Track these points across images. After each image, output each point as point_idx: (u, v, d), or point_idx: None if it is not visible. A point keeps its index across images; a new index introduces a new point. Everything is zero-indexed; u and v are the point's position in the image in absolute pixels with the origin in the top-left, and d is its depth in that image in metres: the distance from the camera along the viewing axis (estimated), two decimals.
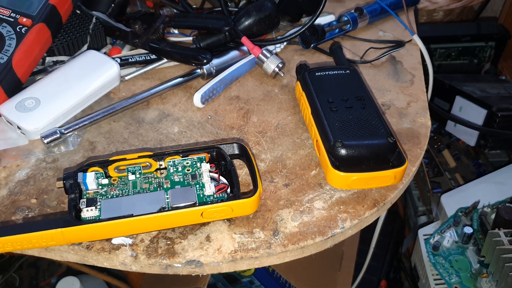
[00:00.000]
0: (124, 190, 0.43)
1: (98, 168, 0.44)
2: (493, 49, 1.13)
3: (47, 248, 0.41)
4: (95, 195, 0.43)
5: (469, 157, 0.99)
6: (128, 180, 0.44)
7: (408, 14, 0.75)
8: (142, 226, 0.41)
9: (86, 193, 0.43)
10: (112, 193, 0.43)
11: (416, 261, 0.83)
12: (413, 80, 0.63)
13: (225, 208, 0.41)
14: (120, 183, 0.44)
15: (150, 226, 0.41)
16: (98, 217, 0.41)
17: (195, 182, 0.44)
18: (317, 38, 0.66)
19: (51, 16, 0.55)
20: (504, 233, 0.68)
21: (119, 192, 0.43)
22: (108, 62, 0.57)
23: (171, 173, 0.45)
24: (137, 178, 0.44)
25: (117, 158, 0.45)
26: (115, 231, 0.41)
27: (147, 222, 0.40)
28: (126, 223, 0.40)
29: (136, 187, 0.44)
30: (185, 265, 0.40)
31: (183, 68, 0.63)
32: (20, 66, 0.52)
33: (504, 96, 0.94)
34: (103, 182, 0.44)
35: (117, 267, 0.41)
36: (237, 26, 0.62)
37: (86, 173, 0.43)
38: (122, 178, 0.44)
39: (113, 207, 0.42)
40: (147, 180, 0.44)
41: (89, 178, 0.43)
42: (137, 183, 0.44)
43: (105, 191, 0.43)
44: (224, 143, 0.46)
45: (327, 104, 0.50)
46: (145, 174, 0.45)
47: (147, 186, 0.44)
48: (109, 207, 0.42)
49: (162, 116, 0.56)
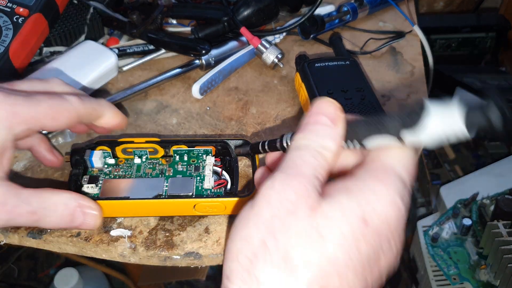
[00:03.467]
0: (127, 173, 0.44)
1: (106, 148, 0.45)
2: (494, 40, 1.13)
3: (46, 239, 0.41)
4: (99, 173, 0.44)
5: (469, 149, 0.99)
6: (134, 163, 0.45)
7: (409, 5, 0.75)
8: (136, 210, 0.41)
9: (91, 170, 0.44)
10: (116, 173, 0.44)
11: (414, 252, 0.83)
12: (413, 71, 0.62)
13: (218, 204, 0.41)
14: (125, 165, 0.45)
15: (143, 211, 0.42)
16: (97, 195, 0.42)
17: (197, 174, 0.44)
18: (317, 29, 0.65)
19: (48, 6, 0.55)
20: (503, 225, 0.68)
21: (123, 174, 0.44)
22: (105, 52, 0.56)
23: (176, 161, 0.45)
24: (142, 162, 0.45)
25: (125, 140, 0.45)
26: (109, 211, 0.41)
27: (141, 206, 0.41)
28: (120, 204, 0.41)
29: (139, 171, 0.44)
30: (184, 257, 0.40)
31: (181, 58, 0.63)
32: (17, 57, 0.52)
33: (504, 88, 0.94)
34: (110, 162, 0.45)
35: (115, 259, 0.41)
36: (236, 17, 0.62)
37: (94, 150, 0.44)
38: (128, 160, 0.45)
39: (113, 188, 0.43)
40: (151, 165, 0.45)
41: (96, 156, 0.44)
42: (142, 167, 0.45)
43: (110, 170, 0.44)
44: (231, 139, 0.45)
45: (326, 95, 0.50)
46: (151, 159, 0.45)
47: (150, 171, 0.44)
48: (108, 187, 0.43)
49: (160, 107, 0.55)
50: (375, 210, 0.27)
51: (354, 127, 0.30)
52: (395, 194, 0.28)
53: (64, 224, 0.38)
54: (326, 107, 0.31)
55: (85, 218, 0.38)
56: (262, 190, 0.29)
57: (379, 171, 0.29)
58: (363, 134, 0.29)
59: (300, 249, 0.26)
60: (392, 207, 0.28)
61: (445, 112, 0.24)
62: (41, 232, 0.41)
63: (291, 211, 0.27)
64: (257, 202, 0.28)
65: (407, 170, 0.29)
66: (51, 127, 0.39)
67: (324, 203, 0.28)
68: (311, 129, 0.31)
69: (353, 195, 0.28)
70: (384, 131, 0.28)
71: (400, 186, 0.28)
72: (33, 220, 0.36)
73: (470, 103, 0.24)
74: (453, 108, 0.24)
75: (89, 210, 0.38)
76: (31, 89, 0.40)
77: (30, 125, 0.37)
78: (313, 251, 0.26)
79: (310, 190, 0.28)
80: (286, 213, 0.27)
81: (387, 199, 0.28)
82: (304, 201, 0.27)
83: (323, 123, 0.30)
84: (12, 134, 0.36)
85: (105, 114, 0.42)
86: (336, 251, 0.26)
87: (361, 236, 0.27)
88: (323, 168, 0.29)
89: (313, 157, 0.29)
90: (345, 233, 0.27)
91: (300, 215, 0.27)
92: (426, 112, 0.25)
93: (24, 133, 0.37)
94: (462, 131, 0.24)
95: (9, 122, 0.36)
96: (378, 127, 0.28)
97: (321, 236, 0.27)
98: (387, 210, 0.28)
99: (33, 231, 0.41)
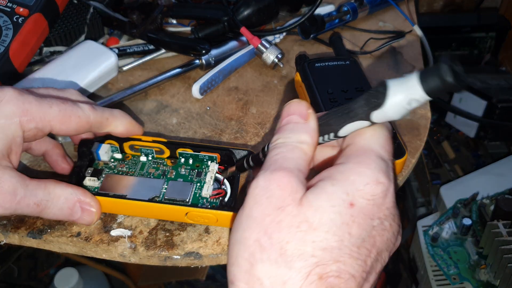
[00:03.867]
0: (131, 169, 0.44)
1: (114, 142, 0.45)
2: (494, 40, 1.13)
3: (46, 239, 0.41)
4: (104, 166, 0.44)
5: (469, 149, 0.99)
6: (139, 161, 0.45)
7: (409, 4, 0.75)
8: (130, 210, 0.42)
9: (97, 162, 0.45)
10: (120, 169, 0.44)
11: (414, 252, 0.83)
12: (413, 71, 0.62)
13: (209, 216, 0.40)
14: (130, 162, 0.45)
15: (137, 211, 0.42)
16: (97, 188, 0.42)
17: (197, 179, 0.44)
18: (317, 29, 0.65)
19: (48, 5, 0.55)
20: (502, 225, 0.68)
21: (126, 170, 0.44)
22: (105, 52, 0.56)
23: (180, 164, 0.45)
24: (148, 160, 0.45)
25: (134, 136, 0.45)
26: (105, 207, 0.41)
27: (135, 207, 0.41)
28: (116, 202, 0.41)
29: (143, 169, 0.44)
30: (184, 257, 0.40)
31: (181, 58, 0.62)
32: (17, 57, 0.52)
33: (504, 87, 0.94)
34: (117, 156, 0.45)
35: (116, 259, 0.41)
36: (236, 16, 0.61)
37: (102, 143, 0.44)
38: (134, 157, 0.45)
39: (113, 184, 0.43)
40: (156, 164, 0.45)
41: (103, 149, 0.44)
42: (146, 165, 0.45)
43: (115, 165, 0.45)
44: (237, 148, 0.44)
45: (326, 95, 0.50)
46: (157, 159, 0.45)
47: (153, 171, 0.44)
48: (109, 182, 0.43)
49: (161, 107, 0.55)
50: (360, 191, 0.28)
51: (326, 120, 0.31)
52: (377, 172, 0.29)
53: (63, 217, 0.39)
54: (295, 107, 0.32)
55: (83, 213, 0.40)
56: (249, 191, 0.29)
57: (358, 154, 0.30)
58: (336, 125, 0.30)
59: (294, 242, 0.27)
60: (376, 185, 0.28)
61: (404, 83, 0.27)
62: (41, 232, 0.41)
63: (279, 207, 0.28)
64: (246, 203, 0.29)
65: (384, 147, 0.30)
66: (60, 130, 0.40)
67: (309, 194, 0.28)
68: (284, 129, 0.32)
69: (336, 180, 0.29)
70: (355, 117, 0.29)
71: (380, 164, 0.29)
72: (36, 211, 0.38)
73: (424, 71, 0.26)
74: (411, 79, 0.27)
75: (88, 206, 0.40)
76: (47, 94, 0.41)
77: (39, 124, 0.38)
78: (306, 242, 0.27)
79: (294, 183, 0.28)
80: (274, 209, 0.28)
81: (370, 179, 0.28)
82: (290, 194, 0.28)
83: (294, 121, 0.32)
84: (22, 130, 0.38)
85: (118, 124, 0.43)
86: (328, 239, 0.27)
87: (350, 220, 0.27)
88: (303, 160, 0.30)
89: (291, 152, 0.30)
90: (334, 219, 0.27)
91: (289, 209, 0.28)
92: (388, 89, 0.27)
93: (33, 132, 0.38)
94: (422, 96, 0.26)
95: (19, 118, 0.37)
96: (348, 115, 0.29)
97: (311, 226, 0.27)
98: (372, 189, 0.28)
99: (33, 231, 0.41)
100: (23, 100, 0.38)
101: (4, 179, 0.36)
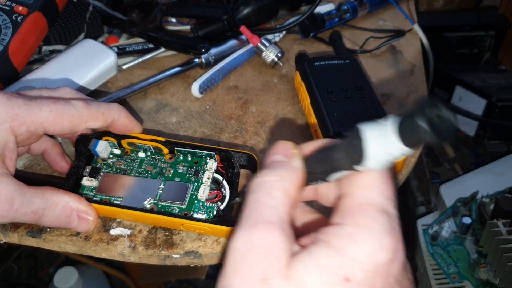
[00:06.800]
0: (129, 167, 0.44)
1: (112, 139, 0.44)
2: (493, 39, 1.13)
3: (45, 238, 0.41)
4: (102, 164, 0.44)
5: (468, 147, 0.99)
6: (138, 157, 0.45)
7: (408, 3, 0.75)
8: (126, 216, 0.42)
9: (95, 159, 0.44)
10: (118, 166, 0.44)
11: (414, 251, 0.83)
12: (413, 70, 0.62)
13: (205, 228, 0.40)
14: (128, 158, 0.45)
15: (133, 218, 0.42)
16: (95, 189, 0.42)
17: (195, 179, 0.43)
18: (317, 27, 0.65)
19: (47, 4, 0.55)
20: (502, 224, 0.68)
21: (124, 168, 0.44)
22: (105, 51, 0.56)
23: (178, 160, 0.44)
24: (147, 156, 0.45)
25: (131, 135, 0.44)
26: (101, 212, 0.42)
27: (131, 215, 0.41)
28: (111, 209, 0.41)
29: (141, 167, 0.44)
30: (184, 256, 0.40)
31: (181, 57, 0.62)
32: (17, 55, 0.52)
33: (504, 86, 0.94)
34: (116, 152, 0.45)
35: (115, 258, 0.41)
36: (236, 15, 0.61)
37: (100, 140, 0.44)
38: (133, 152, 0.45)
39: (110, 184, 0.43)
40: (153, 161, 0.45)
41: (101, 146, 0.44)
42: (144, 162, 0.44)
43: (113, 162, 0.44)
44: (237, 151, 0.43)
45: (326, 94, 0.50)
46: (155, 154, 0.45)
47: (151, 168, 0.44)
48: (107, 182, 0.43)
49: (160, 106, 0.55)
50: (357, 262, 0.24)
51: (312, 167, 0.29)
52: (380, 235, 0.24)
53: (60, 225, 0.39)
54: (279, 147, 0.30)
55: (80, 221, 0.40)
56: (228, 254, 0.26)
57: (356, 212, 0.26)
58: (323, 174, 0.28)
59: None
60: (380, 251, 0.24)
61: (382, 135, 0.24)
62: (40, 231, 0.41)
63: (263, 278, 0.24)
64: (225, 269, 0.26)
65: (384, 194, 0.26)
66: (54, 130, 0.39)
67: (299, 263, 0.24)
68: (266, 168, 0.29)
69: (332, 249, 0.24)
70: (339, 169, 0.27)
71: (383, 221, 0.25)
72: (34, 219, 0.38)
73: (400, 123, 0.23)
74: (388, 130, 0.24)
75: (84, 214, 0.40)
76: (39, 95, 0.41)
77: (31, 127, 0.38)
78: None
79: (279, 243, 0.25)
80: (257, 281, 0.24)
81: (372, 247, 0.24)
82: (275, 263, 0.24)
83: (277, 159, 0.29)
84: (14, 135, 0.37)
85: (115, 119, 0.42)
86: None
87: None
88: (286, 205, 0.27)
89: (270, 197, 0.27)
90: None
91: (274, 283, 0.24)
92: (364, 142, 0.24)
93: (26, 136, 0.38)
94: (404, 150, 0.24)
95: (9, 124, 0.37)
96: (332, 165, 0.27)
97: None
98: (374, 257, 0.24)
99: (32, 230, 0.41)
100: (11, 105, 0.37)
101: (2, 188, 0.36)
